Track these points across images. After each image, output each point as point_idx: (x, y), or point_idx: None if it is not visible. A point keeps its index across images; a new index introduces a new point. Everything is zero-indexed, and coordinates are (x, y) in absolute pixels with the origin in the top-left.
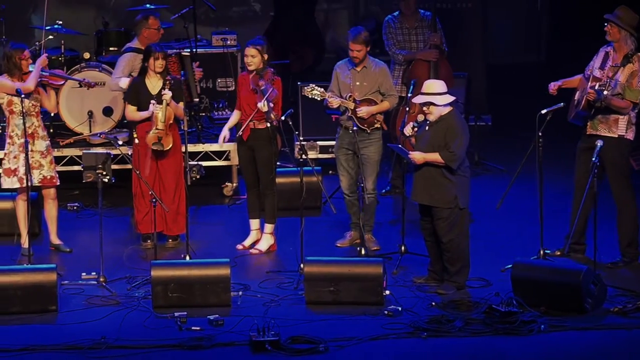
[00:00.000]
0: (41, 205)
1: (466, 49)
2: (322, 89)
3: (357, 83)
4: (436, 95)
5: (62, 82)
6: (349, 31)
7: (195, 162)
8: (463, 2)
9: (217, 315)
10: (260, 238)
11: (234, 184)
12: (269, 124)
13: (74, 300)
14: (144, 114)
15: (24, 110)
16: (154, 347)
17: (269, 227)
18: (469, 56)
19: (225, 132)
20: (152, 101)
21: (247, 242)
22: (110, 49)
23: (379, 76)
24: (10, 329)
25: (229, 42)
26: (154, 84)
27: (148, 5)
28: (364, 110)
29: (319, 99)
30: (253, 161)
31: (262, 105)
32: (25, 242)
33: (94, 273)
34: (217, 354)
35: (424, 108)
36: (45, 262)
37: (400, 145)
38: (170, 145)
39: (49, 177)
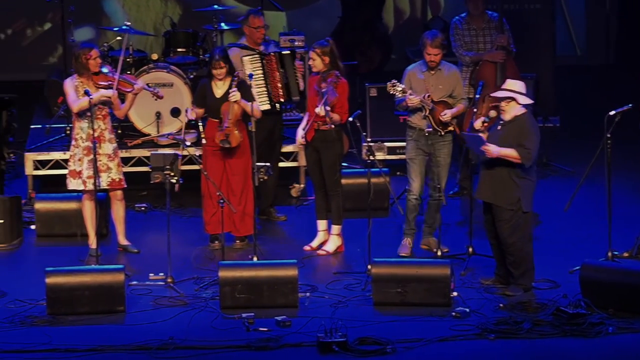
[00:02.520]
0: (109, 206)
1: (534, 49)
2: (403, 87)
3: (432, 86)
4: (519, 94)
5: (130, 89)
6: (425, 34)
7: (264, 163)
8: (531, 2)
9: (284, 316)
10: (328, 239)
11: (302, 185)
12: (333, 125)
13: (142, 300)
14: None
15: (91, 114)
16: (222, 348)
17: (335, 229)
18: (537, 57)
19: (300, 133)
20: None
21: (315, 243)
22: (178, 49)
23: (452, 80)
24: (78, 329)
25: (296, 44)
26: (219, 86)
27: (216, 7)
28: (448, 114)
29: (400, 95)
30: (319, 162)
31: (320, 110)
32: (93, 243)
33: (162, 274)
34: (284, 354)
35: (503, 103)
36: (113, 262)
37: (477, 135)
38: (239, 143)
39: (117, 179)
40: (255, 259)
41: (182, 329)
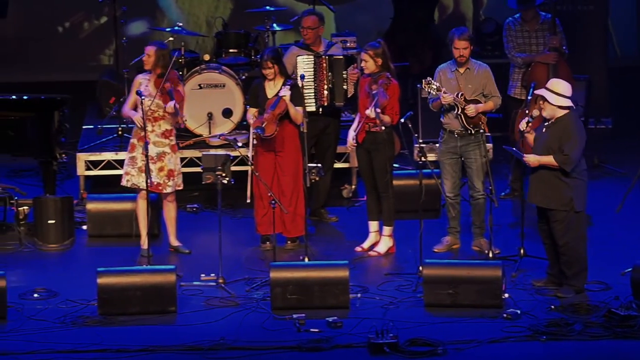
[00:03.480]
0: (161, 207)
1: (587, 51)
2: (438, 84)
3: (462, 85)
4: (553, 94)
5: (165, 105)
6: (452, 30)
7: (315, 164)
8: (584, 4)
9: (335, 317)
10: (379, 240)
11: (353, 186)
12: (384, 127)
13: (193, 301)
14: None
15: (142, 115)
16: (273, 348)
17: (387, 230)
18: (590, 59)
19: (352, 135)
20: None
21: (366, 244)
22: (230, 50)
23: (482, 78)
24: (130, 329)
25: (348, 45)
26: (271, 87)
27: (268, 8)
28: (471, 108)
29: (434, 93)
30: (370, 164)
31: (370, 112)
32: (144, 243)
33: (213, 274)
34: (335, 355)
35: (540, 102)
36: (165, 263)
37: (514, 148)
38: (272, 134)
39: (155, 183)
40: (306, 260)
41: (233, 330)
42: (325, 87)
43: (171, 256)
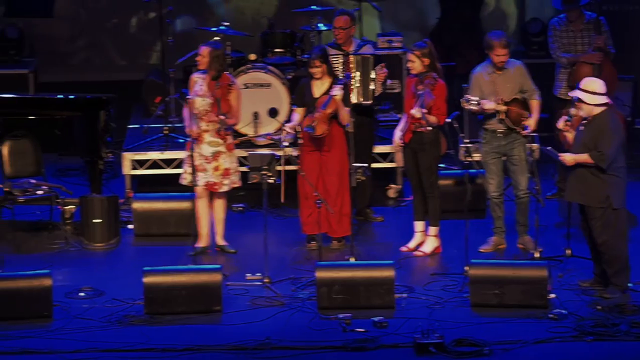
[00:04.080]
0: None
1: (634, 51)
2: (477, 97)
3: (499, 86)
4: (587, 93)
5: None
6: (489, 35)
7: (361, 164)
8: (630, 3)
9: (381, 317)
10: (425, 240)
11: (399, 186)
12: (430, 127)
13: (239, 300)
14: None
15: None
16: (318, 348)
17: (433, 230)
18: (636, 59)
19: (398, 134)
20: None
21: (412, 244)
22: (276, 50)
23: (518, 76)
24: (175, 328)
25: (394, 44)
26: (317, 86)
27: (314, 7)
28: (532, 125)
29: (475, 109)
30: (416, 164)
31: (415, 112)
32: (201, 241)
33: (259, 274)
34: (381, 355)
35: (576, 102)
36: (211, 262)
37: (549, 148)
38: (322, 133)
39: (211, 182)
40: (352, 259)
41: (278, 330)
42: (352, 86)
43: (217, 256)
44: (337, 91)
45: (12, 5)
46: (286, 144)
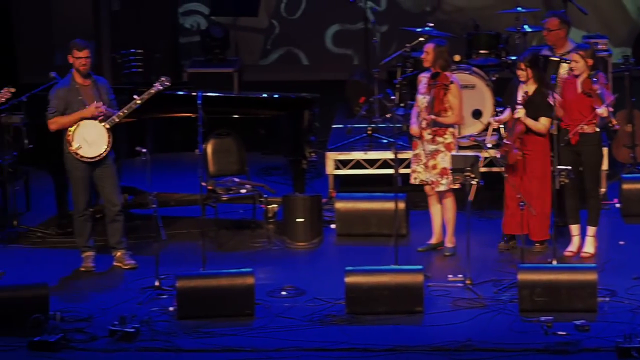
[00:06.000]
0: (411, 206)
1: None
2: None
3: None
4: None
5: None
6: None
7: (565, 166)
8: None
9: (583, 321)
10: (585, 242)
11: (603, 189)
12: (597, 128)
13: (440, 301)
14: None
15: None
16: (520, 350)
17: (592, 230)
18: None
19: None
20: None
21: (573, 248)
22: (481, 51)
23: None
24: (377, 328)
25: (599, 47)
26: (523, 90)
27: (519, 9)
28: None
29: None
30: (579, 165)
31: (602, 111)
32: (434, 239)
33: (461, 275)
34: (583, 359)
35: None
36: (412, 263)
37: None
38: (515, 162)
39: (429, 181)
40: (554, 262)
41: (480, 331)
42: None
43: (438, 255)
44: (519, 113)
45: (217, 4)
46: (489, 145)
